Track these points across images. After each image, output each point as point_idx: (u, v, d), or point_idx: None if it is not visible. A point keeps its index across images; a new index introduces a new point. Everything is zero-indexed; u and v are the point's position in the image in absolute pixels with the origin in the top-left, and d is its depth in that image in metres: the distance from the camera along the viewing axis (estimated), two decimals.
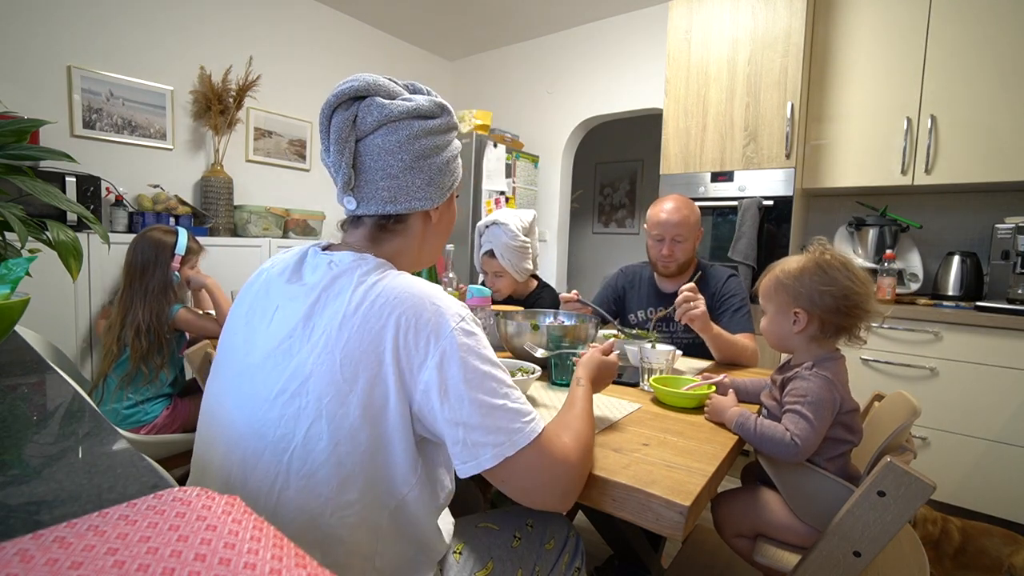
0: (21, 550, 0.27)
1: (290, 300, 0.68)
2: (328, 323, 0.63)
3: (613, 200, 5.12)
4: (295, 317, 0.66)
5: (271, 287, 0.72)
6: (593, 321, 1.34)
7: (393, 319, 0.62)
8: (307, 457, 0.60)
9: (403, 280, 0.66)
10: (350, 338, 0.61)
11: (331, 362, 0.61)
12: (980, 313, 1.90)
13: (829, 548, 0.80)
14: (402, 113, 0.70)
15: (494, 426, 0.61)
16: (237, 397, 0.67)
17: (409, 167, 0.71)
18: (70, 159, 0.93)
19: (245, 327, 0.71)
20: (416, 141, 0.71)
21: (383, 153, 0.70)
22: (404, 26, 3.63)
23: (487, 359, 0.64)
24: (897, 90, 2.20)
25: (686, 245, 1.64)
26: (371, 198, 0.72)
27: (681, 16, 2.54)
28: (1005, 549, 1.50)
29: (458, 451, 0.61)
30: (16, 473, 0.43)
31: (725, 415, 0.95)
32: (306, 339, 0.63)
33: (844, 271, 0.95)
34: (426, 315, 0.62)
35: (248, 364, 0.67)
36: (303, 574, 0.28)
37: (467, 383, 0.61)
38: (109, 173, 2.44)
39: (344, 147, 0.69)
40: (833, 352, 0.97)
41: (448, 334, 0.62)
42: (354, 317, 0.62)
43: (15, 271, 0.79)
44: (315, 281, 0.68)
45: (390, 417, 0.62)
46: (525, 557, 0.85)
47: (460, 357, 0.61)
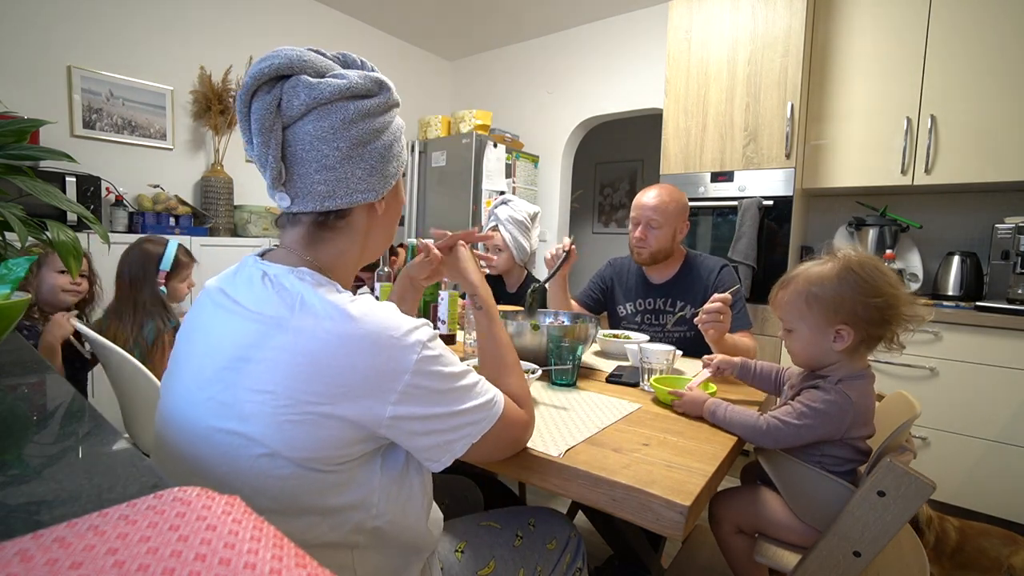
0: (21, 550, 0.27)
1: (225, 323, 0.62)
2: (271, 359, 0.56)
3: (613, 200, 5.12)
4: (231, 346, 0.59)
5: (207, 304, 0.66)
6: (593, 321, 1.34)
7: (349, 362, 0.56)
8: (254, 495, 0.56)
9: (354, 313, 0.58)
10: (297, 377, 0.55)
11: (274, 403, 0.55)
12: (980, 313, 1.90)
13: (829, 548, 0.80)
14: (334, 94, 0.61)
15: (462, 424, 0.63)
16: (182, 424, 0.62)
17: (347, 156, 0.63)
18: (70, 159, 0.92)
19: (186, 344, 0.66)
20: (352, 126, 0.63)
21: (315, 141, 0.62)
22: (404, 26, 3.63)
23: (450, 374, 0.62)
24: (897, 90, 2.20)
25: (661, 232, 1.56)
26: (306, 193, 0.64)
27: (681, 16, 2.54)
28: (1004, 550, 1.49)
29: (432, 454, 0.63)
30: (16, 473, 0.43)
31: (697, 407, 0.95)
32: (245, 373, 0.57)
33: (882, 276, 0.87)
34: (384, 354, 0.57)
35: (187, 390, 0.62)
36: (303, 574, 0.28)
37: (435, 404, 0.61)
38: (109, 173, 2.44)
39: (269, 137, 0.60)
40: (865, 369, 0.92)
41: (412, 368, 0.58)
42: (299, 355, 0.56)
43: (15, 271, 0.79)
44: (252, 305, 0.61)
45: (344, 451, 0.58)
46: (527, 557, 0.85)
47: (425, 386, 0.60)
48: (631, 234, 1.63)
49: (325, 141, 0.62)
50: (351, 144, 0.63)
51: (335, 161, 0.63)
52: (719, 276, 1.59)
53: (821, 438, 0.89)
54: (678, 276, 1.64)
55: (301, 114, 0.61)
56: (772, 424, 0.89)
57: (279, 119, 0.61)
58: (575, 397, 1.06)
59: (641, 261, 1.63)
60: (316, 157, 0.62)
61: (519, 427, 0.72)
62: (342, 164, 0.63)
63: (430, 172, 3.44)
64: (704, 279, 1.60)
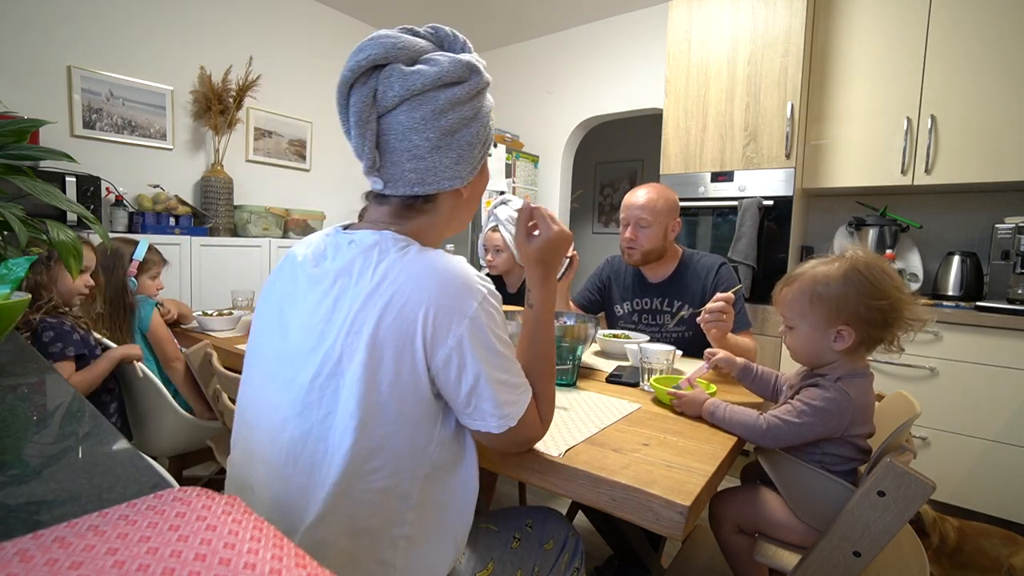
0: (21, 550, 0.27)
1: (316, 284, 0.68)
2: (352, 303, 0.63)
3: (613, 200, 5.12)
4: (323, 302, 0.66)
5: (298, 274, 0.72)
6: (593, 321, 1.33)
7: (420, 295, 0.62)
8: (344, 434, 0.62)
9: (427, 256, 0.65)
10: (375, 315, 0.62)
11: (358, 341, 0.62)
12: (980, 313, 1.90)
13: (829, 548, 0.80)
14: (426, 84, 0.64)
15: (501, 399, 0.66)
16: (280, 382, 0.68)
17: (436, 146, 0.67)
18: (70, 159, 0.92)
19: (279, 315, 0.71)
20: (442, 116, 0.66)
21: (408, 132, 0.66)
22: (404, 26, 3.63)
23: (501, 337, 0.66)
24: (897, 90, 2.20)
25: (651, 231, 1.54)
26: (398, 179, 0.69)
27: (681, 16, 2.54)
28: (1004, 550, 1.49)
29: (468, 411, 0.66)
30: (16, 473, 0.43)
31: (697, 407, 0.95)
32: (335, 321, 0.64)
33: (889, 279, 0.87)
34: (452, 291, 0.63)
35: (286, 350, 0.68)
36: (303, 574, 0.28)
37: (484, 360, 0.64)
38: (109, 173, 2.44)
39: (365, 128, 0.65)
40: (864, 368, 0.92)
41: (472, 313, 0.63)
42: (377, 295, 0.62)
43: (15, 271, 0.79)
44: (337, 264, 0.68)
45: (416, 388, 0.63)
46: (525, 558, 0.85)
47: (480, 335, 0.63)
48: (621, 235, 1.61)
49: (416, 132, 0.65)
50: (440, 134, 0.67)
51: (425, 151, 0.67)
52: (718, 274, 1.57)
53: (821, 436, 0.89)
54: (675, 275, 1.62)
55: (395, 104, 0.65)
56: (772, 423, 0.89)
57: (374, 110, 0.65)
58: (575, 397, 1.06)
59: (633, 262, 1.61)
60: (407, 147, 0.66)
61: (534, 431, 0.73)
62: (431, 154, 0.67)
63: None
64: (702, 278, 1.58)
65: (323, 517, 0.62)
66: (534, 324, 0.77)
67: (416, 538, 0.67)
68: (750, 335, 1.49)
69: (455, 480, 0.70)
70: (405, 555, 0.66)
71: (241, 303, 1.92)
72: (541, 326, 0.77)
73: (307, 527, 0.63)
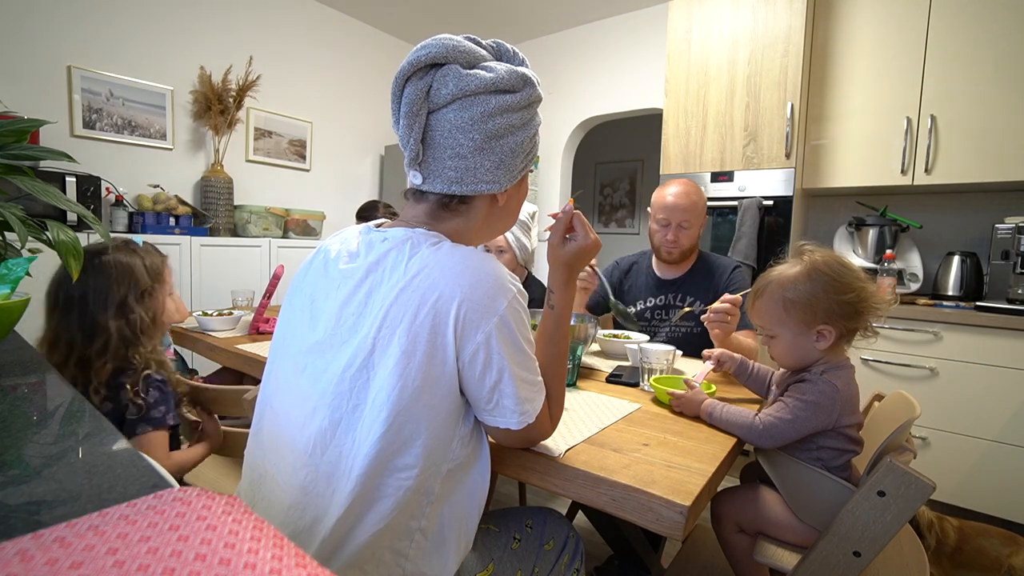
0: (21, 550, 0.27)
1: (348, 278, 0.70)
2: (385, 296, 0.65)
3: (613, 200, 5.12)
4: (355, 294, 0.68)
5: (330, 268, 0.73)
6: (593, 321, 1.33)
7: (453, 291, 0.63)
8: (373, 426, 0.63)
9: (460, 252, 0.67)
10: (408, 310, 0.63)
11: (391, 334, 0.63)
12: (980, 313, 1.90)
13: (829, 548, 0.80)
14: (479, 87, 0.66)
15: (522, 396, 0.67)
16: (312, 372, 0.68)
17: (479, 148, 0.68)
18: (70, 159, 0.92)
19: (311, 306, 0.72)
20: (490, 120, 0.67)
21: (454, 130, 0.67)
22: (404, 26, 3.64)
23: (526, 336, 0.68)
24: (897, 90, 2.20)
25: (691, 232, 1.57)
26: (437, 176, 0.70)
27: (681, 16, 2.54)
28: (1004, 550, 1.49)
29: (489, 408, 0.67)
30: (16, 473, 0.43)
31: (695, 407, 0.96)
32: (367, 314, 0.65)
33: (850, 272, 0.91)
34: (484, 288, 0.64)
35: (317, 341, 0.69)
36: (303, 574, 0.28)
37: (509, 358, 0.65)
38: (109, 173, 2.44)
39: (414, 121, 0.66)
40: (845, 360, 0.95)
41: (501, 312, 0.64)
42: (410, 289, 0.63)
43: (15, 271, 0.79)
44: (370, 259, 0.69)
45: (445, 382, 0.64)
46: (525, 558, 0.85)
47: (507, 332, 0.65)
48: (658, 235, 1.61)
49: (463, 131, 0.67)
50: (485, 137, 0.68)
51: (468, 151, 0.68)
52: (731, 276, 1.60)
53: (816, 429, 0.90)
54: (690, 273, 1.65)
55: (447, 102, 0.66)
56: (768, 422, 0.89)
57: (426, 105, 0.66)
58: (575, 397, 1.06)
59: (672, 260, 1.64)
60: (451, 144, 0.67)
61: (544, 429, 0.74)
62: (473, 155, 0.68)
63: None
64: (717, 278, 1.61)
65: (350, 508, 0.63)
66: (554, 325, 0.79)
67: (430, 531, 0.67)
68: (753, 335, 1.50)
69: (472, 476, 0.71)
70: (419, 547, 0.67)
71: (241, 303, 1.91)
72: (560, 327, 0.79)
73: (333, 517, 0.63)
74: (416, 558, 0.67)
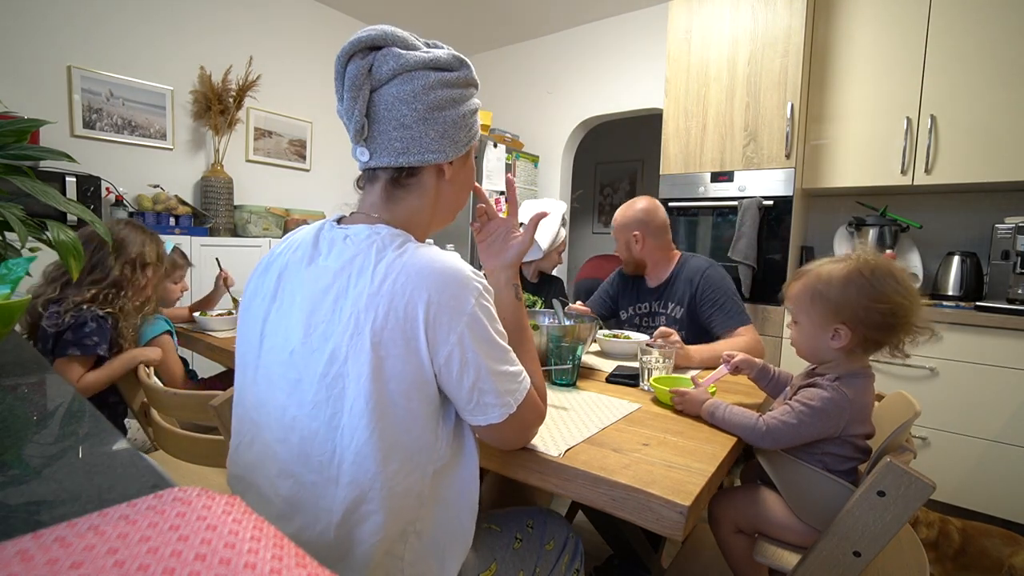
0: (21, 550, 0.27)
1: (314, 283, 0.69)
2: (355, 303, 0.64)
3: (613, 200, 5.12)
4: (323, 300, 0.67)
5: (292, 272, 0.72)
6: (593, 321, 1.34)
7: (420, 295, 0.63)
8: (354, 433, 0.63)
9: (424, 253, 0.67)
10: (378, 316, 0.63)
11: (362, 342, 0.63)
12: (980, 313, 1.90)
13: (829, 548, 0.80)
14: (419, 63, 0.69)
15: (502, 389, 0.67)
16: (286, 383, 0.68)
17: (423, 117, 0.70)
18: (70, 159, 0.92)
19: (276, 314, 0.71)
20: (431, 92, 0.69)
21: (397, 102, 0.69)
22: (404, 26, 3.61)
23: (497, 330, 0.69)
24: (897, 90, 2.20)
25: (618, 246, 1.72)
26: (384, 149, 0.71)
27: (681, 16, 2.54)
28: (1005, 550, 1.49)
29: (471, 408, 0.67)
30: (16, 473, 0.43)
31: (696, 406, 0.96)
32: (337, 321, 0.65)
33: (894, 283, 0.87)
34: (451, 289, 0.64)
35: (291, 351, 0.68)
36: (303, 574, 0.28)
37: (484, 354, 0.66)
38: (109, 173, 2.44)
39: (358, 94, 0.68)
40: (864, 369, 0.92)
41: (470, 311, 0.65)
42: (379, 296, 0.63)
43: (15, 271, 0.79)
44: (335, 262, 0.69)
45: (422, 385, 0.64)
46: (526, 558, 0.85)
47: (478, 330, 0.65)
48: None
49: (405, 103, 0.69)
50: (427, 107, 0.69)
51: (411, 121, 0.69)
52: (703, 279, 1.60)
53: (819, 436, 0.89)
54: (670, 279, 1.70)
55: (388, 78, 0.68)
56: (771, 425, 0.89)
57: (368, 81, 0.68)
58: (575, 397, 1.06)
59: (628, 271, 1.78)
60: (395, 116, 0.69)
61: (538, 413, 0.75)
62: (417, 124, 0.70)
63: None
64: (690, 281, 1.63)
65: (341, 518, 0.63)
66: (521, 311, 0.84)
67: (424, 533, 0.67)
68: (750, 329, 1.50)
69: (459, 474, 0.71)
70: (414, 549, 0.67)
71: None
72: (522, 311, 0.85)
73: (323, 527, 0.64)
74: (413, 561, 0.66)
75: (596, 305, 1.86)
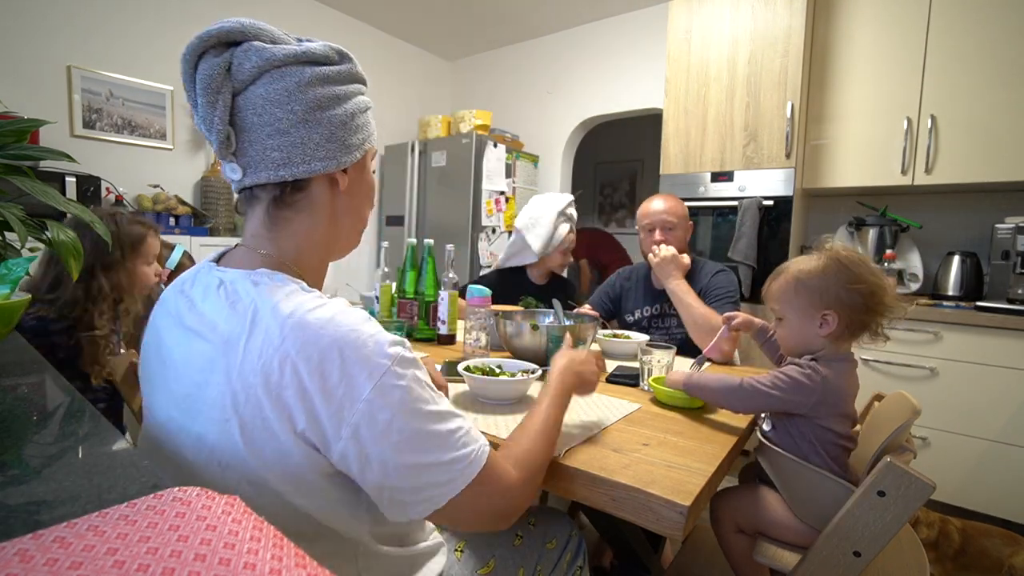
0: (21, 550, 0.27)
1: (185, 345, 0.58)
2: (222, 382, 0.53)
3: (613, 200, 5.12)
4: (190, 370, 0.57)
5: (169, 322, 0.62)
6: (593, 321, 1.34)
7: (297, 381, 0.51)
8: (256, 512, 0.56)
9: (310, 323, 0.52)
10: (248, 402, 0.51)
11: (230, 431, 0.52)
12: (980, 313, 1.90)
13: (829, 548, 0.80)
14: (288, 57, 0.58)
15: (423, 483, 0.54)
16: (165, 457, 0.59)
17: (303, 120, 0.58)
18: (70, 159, 0.92)
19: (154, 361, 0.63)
20: (309, 89, 0.59)
21: (268, 104, 0.57)
22: (404, 26, 3.63)
23: (417, 412, 0.53)
24: (897, 90, 2.20)
25: (676, 234, 1.65)
26: (260, 161, 0.58)
27: (681, 16, 2.54)
28: (1005, 550, 1.49)
29: (384, 505, 0.55)
30: (16, 473, 0.43)
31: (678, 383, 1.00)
32: (204, 399, 0.54)
33: (866, 267, 0.93)
34: (336, 375, 0.51)
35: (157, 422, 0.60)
36: (303, 574, 0.28)
37: (392, 448, 0.52)
38: (109, 173, 2.44)
39: (216, 98, 0.55)
40: (846, 354, 0.95)
41: (366, 396, 0.51)
42: (250, 375, 0.51)
43: (15, 271, 0.79)
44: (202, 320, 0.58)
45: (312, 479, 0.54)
46: (527, 556, 0.85)
47: (383, 421, 0.51)
48: (646, 241, 1.69)
49: (278, 104, 0.58)
50: (307, 108, 0.59)
51: (289, 125, 0.58)
52: (714, 278, 1.63)
53: (788, 408, 0.91)
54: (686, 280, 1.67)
55: (252, 78, 0.57)
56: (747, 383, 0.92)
57: (228, 82, 0.57)
58: (575, 397, 1.06)
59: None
60: (268, 121, 0.57)
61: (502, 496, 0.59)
62: (297, 128, 0.58)
63: (430, 172, 3.44)
64: (701, 282, 1.64)
65: None
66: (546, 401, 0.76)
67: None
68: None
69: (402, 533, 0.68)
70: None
71: None
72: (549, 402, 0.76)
73: None
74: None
75: (594, 305, 1.85)
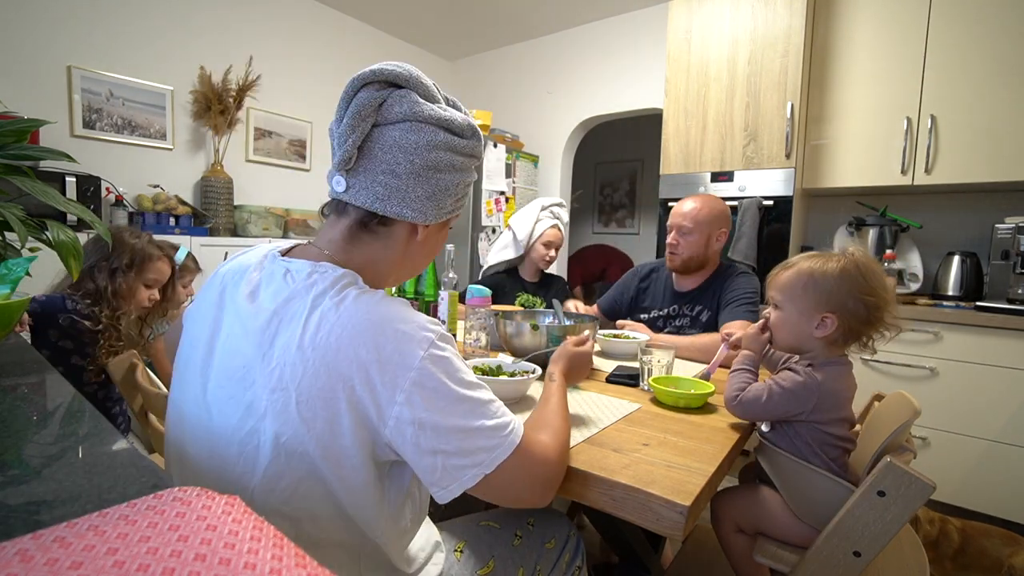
0: (21, 550, 0.27)
1: (245, 321, 0.63)
2: (282, 355, 0.58)
3: (613, 200, 5.12)
4: (250, 344, 0.61)
5: (227, 300, 0.67)
6: (593, 321, 1.34)
7: (354, 353, 0.56)
8: (270, 495, 0.58)
9: (364, 302, 0.60)
10: (306, 374, 0.56)
11: (286, 400, 0.57)
12: (980, 313, 1.90)
13: (829, 548, 0.80)
14: (431, 118, 0.65)
15: (473, 447, 0.59)
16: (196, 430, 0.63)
17: (415, 172, 0.65)
18: (70, 159, 0.92)
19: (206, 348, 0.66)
20: (434, 151, 0.65)
21: (395, 148, 0.64)
22: (404, 26, 3.63)
23: (461, 380, 0.60)
24: (897, 90, 2.20)
25: (692, 239, 1.58)
26: (364, 187, 0.65)
27: (681, 16, 2.54)
28: (1005, 550, 1.49)
29: (436, 478, 0.58)
30: (16, 473, 0.43)
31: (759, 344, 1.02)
32: (261, 370, 0.59)
33: (880, 280, 0.92)
34: (390, 346, 0.57)
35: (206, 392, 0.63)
36: (303, 574, 0.28)
37: (442, 412, 0.57)
38: (109, 173, 2.44)
39: (359, 124, 0.63)
40: (840, 357, 0.95)
41: (417, 365, 0.57)
42: (309, 349, 0.57)
43: (15, 271, 0.79)
44: (270, 302, 0.62)
45: (353, 454, 0.58)
46: (526, 556, 0.85)
47: (432, 387, 0.57)
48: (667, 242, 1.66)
49: (404, 151, 0.64)
50: (425, 165, 0.65)
51: (404, 171, 0.65)
52: (734, 279, 1.60)
53: (786, 415, 0.91)
54: (704, 286, 1.65)
55: (395, 120, 0.64)
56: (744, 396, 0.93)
57: (374, 115, 0.64)
58: (575, 397, 1.06)
59: (673, 267, 1.65)
60: (389, 160, 0.64)
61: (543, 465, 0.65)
62: (408, 177, 0.65)
63: None
64: (722, 285, 1.61)
65: None
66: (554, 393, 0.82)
67: None
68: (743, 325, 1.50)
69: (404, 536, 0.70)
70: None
71: None
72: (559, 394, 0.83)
73: None
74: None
75: (607, 302, 1.82)
